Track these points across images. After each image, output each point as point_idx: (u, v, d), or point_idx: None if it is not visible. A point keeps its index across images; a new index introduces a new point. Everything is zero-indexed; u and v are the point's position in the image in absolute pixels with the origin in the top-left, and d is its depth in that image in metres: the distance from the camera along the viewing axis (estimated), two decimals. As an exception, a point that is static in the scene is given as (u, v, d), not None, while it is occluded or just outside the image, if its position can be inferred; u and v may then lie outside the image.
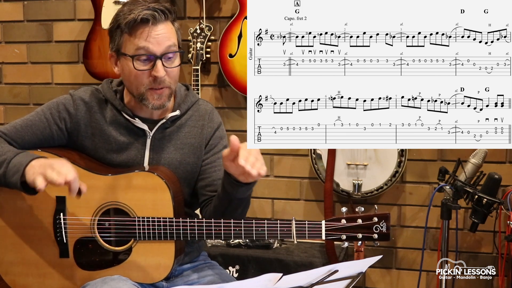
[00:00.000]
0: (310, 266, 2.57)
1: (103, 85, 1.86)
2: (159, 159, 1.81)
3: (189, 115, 1.88)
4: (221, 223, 1.66)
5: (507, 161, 2.80)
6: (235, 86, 2.86)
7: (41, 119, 1.80)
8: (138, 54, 1.70)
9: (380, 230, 1.65)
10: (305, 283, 1.38)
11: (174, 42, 1.74)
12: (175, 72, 1.76)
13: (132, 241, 1.72)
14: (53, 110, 1.82)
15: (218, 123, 1.92)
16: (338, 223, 1.65)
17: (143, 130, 1.81)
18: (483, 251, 2.86)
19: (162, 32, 1.71)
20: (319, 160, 2.79)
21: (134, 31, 1.70)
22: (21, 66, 3.26)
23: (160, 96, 1.74)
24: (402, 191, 2.91)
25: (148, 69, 1.71)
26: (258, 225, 1.66)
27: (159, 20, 1.70)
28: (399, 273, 2.97)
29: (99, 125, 1.80)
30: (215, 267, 1.94)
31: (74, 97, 1.83)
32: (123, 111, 1.80)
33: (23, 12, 3.22)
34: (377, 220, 1.65)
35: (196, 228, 1.67)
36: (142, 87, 1.73)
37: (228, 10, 2.97)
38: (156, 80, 1.71)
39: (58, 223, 1.74)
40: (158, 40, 1.70)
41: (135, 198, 1.71)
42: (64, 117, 1.81)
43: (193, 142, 1.86)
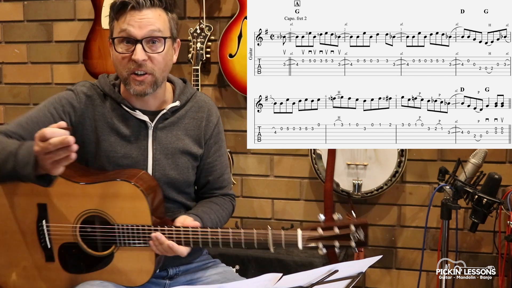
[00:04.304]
0: (310, 266, 2.57)
1: (99, 80, 1.86)
2: (162, 149, 1.82)
3: (189, 106, 1.89)
4: (198, 231, 1.67)
5: (507, 161, 2.80)
6: (235, 86, 2.86)
7: (46, 114, 1.78)
8: (119, 37, 1.73)
9: (358, 239, 1.61)
10: (305, 283, 1.38)
11: (158, 27, 1.73)
12: (159, 59, 1.75)
13: (114, 247, 1.74)
14: (57, 105, 1.79)
15: (217, 118, 1.94)
16: (315, 232, 1.62)
17: (144, 122, 1.81)
18: (483, 251, 2.86)
19: (146, 17, 1.72)
20: (319, 160, 2.79)
21: (119, 15, 1.74)
22: (21, 66, 3.26)
23: (141, 82, 1.74)
24: (402, 191, 2.91)
25: (128, 52, 1.72)
26: (235, 234, 1.66)
27: (143, 6, 1.71)
28: (399, 273, 2.97)
29: (102, 117, 1.80)
30: (219, 266, 1.95)
31: (75, 91, 1.82)
32: (122, 103, 1.80)
33: (23, 12, 3.22)
34: (355, 229, 1.61)
35: (174, 235, 1.68)
36: (124, 72, 1.74)
37: (228, 10, 2.97)
38: (135, 63, 1.72)
39: (41, 230, 1.76)
40: (140, 24, 1.71)
41: (114, 206, 1.73)
42: (68, 111, 1.80)
43: (193, 134, 1.87)
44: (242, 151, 3.03)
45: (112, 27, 1.77)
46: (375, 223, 2.95)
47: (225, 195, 1.96)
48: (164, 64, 1.77)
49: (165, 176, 1.82)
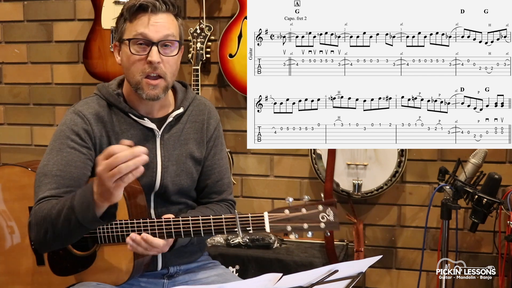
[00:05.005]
0: (310, 266, 2.57)
1: (100, 90, 1.83)
2: (170, 156, 1.82)
3: (190, 110, 1.89)
4: (170, 221, 1.66)
5: (507, 161, 2.80)
6: (235, 86, 2.86)
7: (70, 151, 1.72)
8: (136, 38, 1.72)
9: (327, 219, 1.58)
10: (305, 283, 1.38)
11: (173, 32, 1.75)
12: (171, 62, 1.76)
13: (96, 245, 1.74)
14: (73, 136, 1.74)
15: (217, 121, 1.94)
16: (281, 213, 1.60)
17: (152, 130, 1.81)
18: (483, 251, 2.86)
19: (161, 21, 1.73)
20: (319, 160, 2.79)
21: (134, 17, 1.73)
22: (21, 66, 3.26)
23: (155, 87, 1.73)
24: (402, 191, 2.91)
25: (144, 54, 1.72)
26: (205, 222, 1.65)
27: (160, 9, 1.73)
28: (399, 273, 2.97)
29: (113, 132, 1.78)
30: (218, 267, 1.95)
31: (81, 115, 1.77)
32: (130, 112, 1.79)
33: (23, 12, 3.22)
34: (322, 209, 1.59)
35: (149, 227, 1.66)
36: (138, 75, 1.73)
37: (228, 10, 2.97)
38: (151, 66, 1.71)
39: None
40: (157, 28, 1.72)
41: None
42: (85, 138, 1.75)
43: (196, 137, 1.87)
44: (242, 151, 3.03)
45: (124, 29, 1.75)
46: (375, 223, 2.95)
47: (224, 201, 1.94)
48: (175, 68, 1.78)
49: (173, 183, 1.82)
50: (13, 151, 3.29)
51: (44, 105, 3.24)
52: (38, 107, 3.25)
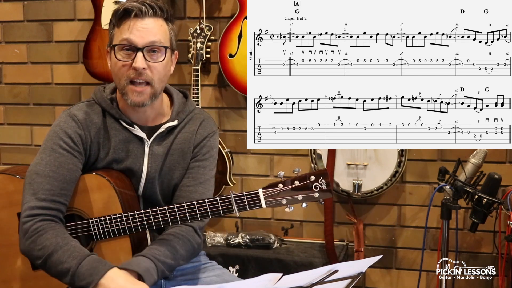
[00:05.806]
0: (310, 266, 2.57)
1: (96, 94, 1.83)
2: (157, 167, 1.80)
3: (184, 123, 1.86)
4: (165, 209, 1.68)
5: (507, 161, 2.80)
6: (235, 86, 2.86)
7: (62, 153, 1.73)
8: (121, 44, 1.71)
9: (320, 188, 1.62)
10: (305, 283, 1.38)
11: (160, 39, 1.72)
12: (159, 68, 1.73)
13: (92, 242, 1.74)
14: (65, 138, 1.74)
15: (209, 132, 1.88)
16: (276, 188, 1.64)
17: (141, 139, 1.80)
18: (483, 251, 2.86)
19: (147, 26, 1.71)
20: (319, 160, 2.79)
21: (121, 23, 1.72)
22: (21, 66, 3.26)
23: (140, 94, 1.72)
24: (402, 191, 2.91)
25: (128, 60, 1.71)
26: (201, 206, 1.67)
27: (146, 14, 1.71)
28: (399, 273, 2.97)
29: (103, 138, 1.78)
30: (216, 268, 1.94)
31: (75, 119, 1.77)
32: (121, 119, 1.78)
33: (23, 12, 3.22)
34: (315, 179, 1.62)
35: (145, 219, 1.68)
36: (123, 80, 1.72)
37: (228, 10, 2.97)
38: (136, 72, 1.70)
39: None
40: (142, 33, 1.70)
41: (85, 200, 1.73)
42: (77, 142, 1.76)
43: (183, 147, 1.84)
44: (242, 151, 3.03)
45: (113, 34, 1.75)
46: (375, 223, 2.95)
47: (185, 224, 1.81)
48: (163, 74, 1.75)
49: (156, 194, 1.82)
50: (13, 151, 3.29)
51: (44, 105, 3.24)
52: (38, 107, 3.25)
